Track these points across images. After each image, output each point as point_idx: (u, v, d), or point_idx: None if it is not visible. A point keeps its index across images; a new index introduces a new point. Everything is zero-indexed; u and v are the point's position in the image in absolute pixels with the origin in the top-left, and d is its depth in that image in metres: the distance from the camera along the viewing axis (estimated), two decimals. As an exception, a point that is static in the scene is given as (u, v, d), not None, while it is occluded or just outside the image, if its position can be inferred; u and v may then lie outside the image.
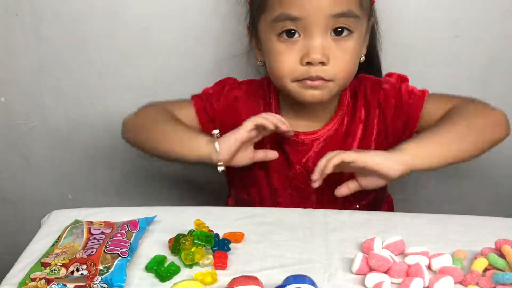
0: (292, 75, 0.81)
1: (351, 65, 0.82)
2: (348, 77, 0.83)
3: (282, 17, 0.78)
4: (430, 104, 0.86)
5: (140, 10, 1.02)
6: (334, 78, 0.80)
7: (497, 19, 1.00)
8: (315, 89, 0.81)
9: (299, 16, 0.77)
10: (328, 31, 0.78)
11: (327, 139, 0.88)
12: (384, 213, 0.79)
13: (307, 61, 0.78)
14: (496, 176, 1.13)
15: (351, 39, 0.80)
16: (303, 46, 0.79)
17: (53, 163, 1.17)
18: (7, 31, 1.04)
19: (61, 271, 0.60)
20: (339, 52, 0.79)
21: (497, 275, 0.59)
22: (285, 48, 0.80)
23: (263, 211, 0.78)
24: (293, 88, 0.82)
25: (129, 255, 0.62)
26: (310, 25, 0.77)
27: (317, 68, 0.79)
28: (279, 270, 0.63)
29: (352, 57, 0.81)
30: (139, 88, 1.09)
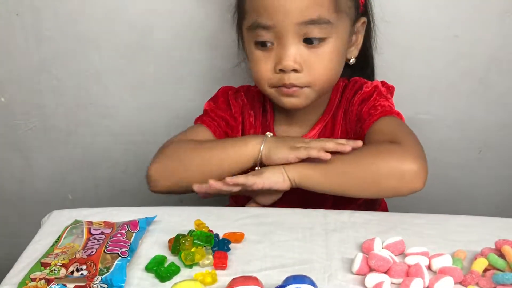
0: (268, 82, 0.82)
1: (328, 71, 0.81)
2: (326, 82, 0.82)
3: (255, 25, 0.79)
4: (379, 126, 0.82)
5: (140, 10, 1.02)
6: (309, 84, 0.80)
7: (496, 19, 1.00)
8: (291, 96, 0.81)
9: (270, 25, 0.78)
10: (300, 38, 0.78)
11: None
12: (384, 213, 0.79)
13: (280, 69, 0.79)
14: (497, 176, 1.13)
15: (325, 45, 0.79)
16: (276, 53, 0.79)
17: (53, 163, 1.17)
18: (7, 31, 1.04)
19: (61, 271, 0.60)
20: (313, 59, 0.79)
21: (497, 276, 0.59)
22: (262, 55, 0.81)
23: (263, 211, 0.78)
24: (271, 94, 0.83)
25: (129, 255, 0.62)
26: (281, 33, 0.77)
27: (290, 75, 0.79)
28: (279, 270, 0.63)
29: (328, 63, 0.80)
30: (139, 88, 1.09)
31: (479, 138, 1.11)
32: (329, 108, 0.89)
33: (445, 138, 1.11)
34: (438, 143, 1.11)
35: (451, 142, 1.11)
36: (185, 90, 0.98)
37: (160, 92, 1.09)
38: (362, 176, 0.75)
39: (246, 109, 0.91)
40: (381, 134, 0.80)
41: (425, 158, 0.75)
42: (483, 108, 1.08)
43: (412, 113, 1.08)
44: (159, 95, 1.09)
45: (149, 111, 1.10)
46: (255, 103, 0.92)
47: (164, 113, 1.08)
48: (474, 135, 1.10)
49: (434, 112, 1.08)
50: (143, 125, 1.01)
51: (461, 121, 1.09)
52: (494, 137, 1.10)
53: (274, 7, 0.77)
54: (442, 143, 1.11)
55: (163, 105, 1.10)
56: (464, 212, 0.78)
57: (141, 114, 1.10)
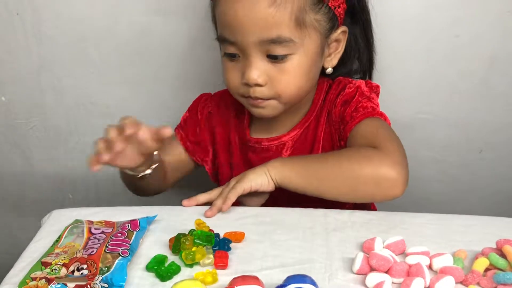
0: (237, 92, 0.82)
1: (293, 85, 0.80)
2: (294, 95, 0.81)
3: (221, 38, 0.80)
4: (361, 129, 0.81)
5: (140, 10, 1.02)
6: (274, 97, 0.80)
7: (497, 19, 1.00)
8: (258, 107, 0.81)
9: (232, 40, 0.77)
10: (263, 55, 0.77)
11: (296, 145, 0.88)
12: (385, 212, 0.79)
13: (244, 82, 0.79)
14: (497, 176, 1.13)
15: (290, 60, 0.78)
16: (242, 66, 0.79)
17: (53, 162, 1.17)
18: (8, 30, 1.04)
19: (61, 271, 0.60)
20: (277, 74, 0.78)
21: (498, 275, 0.59)
22: (230, 65, 0.81)
23: (263, 210, 0.78)
24: (243, 103, 0.84)
25: (129, 254, 0.62)
26: (244, 48, 0.77)
27: (254, 89, 0.79)
28: (279, 269, 0.63)
29: (293, 78, 0.79)
30: (140, 87, 1.09)
31: (480, 138, 1.10)
32: (311, 110, 0.88)
33: (446, 138, 1.11)
34: (439, 143, 1.11)
35: (452, 142, 1.11)
36: (185, 90, 0.98)
37: (161, 91, 1.09)
38: (339, 180, 0.75)
39: (215, 116, 0.93)
40: (362, 137, 0.79)
41: (405, 164, 0.74)
42: (484, 108, 1.08)
43: (413, 113, 1.08)
44: (159, 95, 1.09)
45: (150, 111, 1.10)
46: (229, 107, 0.93)
47: (164, 113, 1.08)
48: (475, 135, 1.10)
49: (435, 112, 1.08)
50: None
51: (462, 121, 1.09)
52: (495, 137, 1.10)
53: (234, 24, 0.76)
54: (443, 143, 1.11)
55: (164, 105, 1.10)
56: (465, 211, 0.78)
57: (142, 114, 1.10)
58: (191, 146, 0.92)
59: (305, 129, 0.88)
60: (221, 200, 0.76)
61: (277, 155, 0.88)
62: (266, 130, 0.90)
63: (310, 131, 0.88)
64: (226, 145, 0.92)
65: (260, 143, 0.88)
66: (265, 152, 0.88)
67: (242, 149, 0.91)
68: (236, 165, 0.92)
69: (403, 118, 1.08)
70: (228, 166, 0.93)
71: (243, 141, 0.91)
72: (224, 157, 0.93)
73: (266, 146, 0.88)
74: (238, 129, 0.92)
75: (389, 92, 1.06)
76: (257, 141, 0.88)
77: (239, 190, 0.75)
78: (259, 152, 0.89)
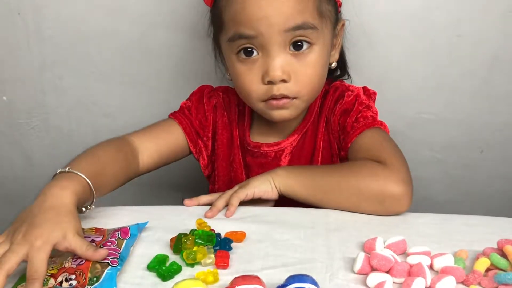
0: (257, 95, 0.79)
1: (315, 79, 0.79)
2: (313, 91, 0.81)
3: (236, 36, 0.77)
4: (364, 141, 0.80)
5: (141, 9, 1.02)
6: (298, 95, 0.79)
7: (499, 19, 1.00)
8: (282, 108, 0.80)
9: (252, 35, 0.75)
10: (286, 47, 0.76)
11: (294, 152, 0.87)
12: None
13: (268, 80, 0.77)
14: (499, 176, 1.13)
15: (312, 52, 0.77)
16: (262, 64, 0.77)
17: (55, 162, 1.17)
18: (10, 30, 1.05)
19: (49, 282, 0.58)
20: (300, 67, 0.77)
21: (499, 275, 0.59)
22: (245, 69, 0.78)
23: (264, 210, 0.78)
24: (260, 109, 0.81)
25: (119, 264, 0.61)
26: (266, 42, 0.75)
27: (279, 86, 0.77)
28: (280, 269, 0.63)
29: (315, 71, 0.79)
30: (141, 87, 1.09)
31: (481, 138, 1.10)
32: (309, 115, 0.87)
33: (448, 138, 1.11)
34: (440, 142, 1.11)
35: (453, 141, 1.11)
36: (187, 89, 0.98)
37: (162, 91, 1.09)
38: (344, 195, 0.74)
39: (219, 109, 0.90)
40: (366, 150, 0.78)
41: (410, 181, 0.74)
42: (486, 108, 1.08)
43: (414, 112, 1.08)
44: (160, 94, 1.09)
45: (151, 110, 1.10)
46: (232, 105, 0.91)
47: (165, 112, 1.07)
48: (476, 135, 1.10)
49: (437, 112, 1.08)
50: (144, 124, 1.00)
51: (464, 121, 1.09)
52: (496, 137, 1.10)
53: (257, 17, 0.74)
54: (444, 142, 1.11)
55: (165, 104, 1.09)
56: (466, 211, 0.77)
57: (143, 113, 1.10)
58: (195, 136, 0.89)
59: (304, 134, 0.87)
60: (222, 201, 0.75)
61: (275, 161, 0.87)
62: (265, 135, 0.89)
63: (308, 137, 0.87)
64: (228, 143, 0.91)
65: (259, 147, 0.87)
66: (263, 157, 0.88)
67: (242, 150, 0.91)
68: (235, 165, 0.91)
69: (404, 117, 1.08)
70: (227, 164, 0.91)
71: (243, 143, 0.90)
72: (224, 154, 0.91)
73: (265, 151, 0.87)
74: (239, 129, 0.91)
75: (390, 92, 1.07)
76: (256, 146, 0.88)
77: (242, 195, 0.75)
78: (257, 157, 0.88)
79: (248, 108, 0.90)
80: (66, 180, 0.65)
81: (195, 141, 0.89)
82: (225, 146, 0.91)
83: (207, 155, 0.91)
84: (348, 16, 0.92)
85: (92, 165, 0.71)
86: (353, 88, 0.87)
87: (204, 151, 0.91)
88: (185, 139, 0.88)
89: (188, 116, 0.89)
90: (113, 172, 0.76)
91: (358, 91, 0.86)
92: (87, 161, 0.72)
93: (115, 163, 0.77)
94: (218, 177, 0.91)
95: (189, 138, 0.89)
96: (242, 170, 0.89)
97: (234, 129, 0.91)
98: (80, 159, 0.73)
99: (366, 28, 1.01)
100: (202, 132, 0.90)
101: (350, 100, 0.84)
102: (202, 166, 0.92)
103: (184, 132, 0.88)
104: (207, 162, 0.92)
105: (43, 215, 0.59)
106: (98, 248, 0.60)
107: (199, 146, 0.90)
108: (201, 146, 0.90)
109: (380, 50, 1.03)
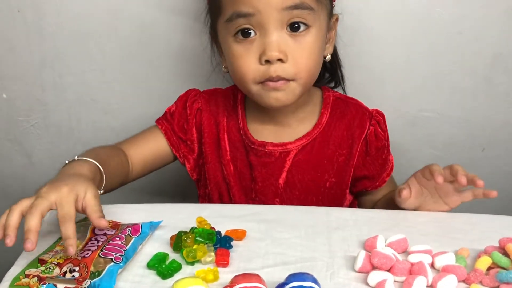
0: (253, 77, 0.79)
1: (311, 62, 0.79)
2: (310, 75, 0.80)
3: (234, 15, 0.77)
4: (384, 194, 0.92)
5: (142, 6, 1.02)
6: (295, 77, 0.78)
7: (500, 16, 0.99)
8: (278, 91, 0.79)
9: (251, 12, 0.75)
10: (284, 27, 0.76)
11: (299, 157, 0.86)
12: (387, 211, 0.79)
13: (265, 59, 0.76)
14: (500, 174, 1.12)
15: (309, 34, 0.77)
16: (260, 44, 0.77)
17: (54, 159, 1.17)
18: (9, 27, 1.04)
19: (55, 270, 0.59)
20: (297, 48, 0.77)
21: (500, 274, 0.59)
22: (243, 50, 0.78)
23: (265, 208, 0.78)
24: (257, 92, 0.80)
25: (122, 261, 0.61)
26: (264, 21, 0.75)
27: (276, 66, 0.76)
28: (281, 267, 0.63)
29: (312, 53, 0.79)
30: (141, 84, 1.09)
31: (483, 136, 1.10)
32: (319, 121, 0.87)
33: (449, 136, 1.10)
34: (441, 140, 1.11)
35: (454, 139, 1.10)
36: (186, 87, 0.98)
37: (162, 88, 1.09)
38: None
39: (204, 112, 0.90)
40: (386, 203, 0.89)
41: None
42: (487, 106, 1.07)
43: (416, 110, 1.08)
44: (161, 92, 1.09)
45: (151, 108, 1.09)
46: (219, 106, 0.90)
47: (165, 109, 1.07)
48: (477, 133, 1.10)
49: (438, 110, 1.08)
50: (145, 121, 1.00)
51: (465, 119, 1.08)
52: (497, 135, 1.10)
53: None
54: (445, 140, 1.11)
55: (165, 102, 1.09)
56: (468, 210, 0.77)
57: (143, 111, 1.10)
58: (176, 141, 0.89)
59: (312, 141, 0.87)
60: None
61: (279, 161, 0.86)
62: (274, 135, 0.87)
63: (317, 147, 0.87)
64: (215, 144, 0.89)
65: (264, 146, 0.86)
66: (267, 156, 0.86)
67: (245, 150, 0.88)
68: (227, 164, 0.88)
69: (405, 115, 1.08)
70: (218, 164, 0.89)
71: (245, 142, 0.88)
72: (213, 156, 0.89)
73: (269, 150, 0.86)
74: (231, 128, 0.89)
75: (391, 89, 1.06)
76: (261, 144, 0.86)
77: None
78: (261, 156, 0.87)
79: (241, 108, 0.89)
80: (81, 162, 0.72)
81: (177, 146, 0.90)
82: (213, 148, 0.89)
83: (193, 158, 0.90)
84: (348, 13, 0.92)
85: (97, 156, 0.75)
86: (382, 127, 0.89)
87: (189, 155, 0.90)
88: (167, 145, 0.89)
89: (170, 121, 0.90)
90: (115, 165, 0.80)
91: (386, 128, 0.90)
92: (91, 154, 0.75)
93: (114, 158, 0.82)
94: (209, 180, 0.90)
95: (171, 143, 0.89)
96: (247, 170, 0.88)
97: (222, 130, 0.89)
98: (84, 154, 0.76)
99: (367, 25, 1.00)
100: (184, 136, 0.90)
101: (382, 145, 0.89)
102: (188, 170, 0.91)
103: (165, 137, 0.89)
104: (193, 166, 0.91)
105: (67, 176, 0.65)
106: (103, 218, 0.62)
107: (182, 151, 0.90)
108: (185, 151, 0.90)
109: (381, 48, 1.03)
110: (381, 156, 0.89)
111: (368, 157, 0.88)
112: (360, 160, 0.88)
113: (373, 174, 0.89)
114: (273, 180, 0.87)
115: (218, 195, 0.90)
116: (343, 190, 0.89)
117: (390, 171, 0.91)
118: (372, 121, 0.88)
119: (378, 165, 0.89)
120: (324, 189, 0.88)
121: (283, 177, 0.86)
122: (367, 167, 0.89)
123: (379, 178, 0.90)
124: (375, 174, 0.89)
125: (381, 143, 0.88)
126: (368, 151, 0.88)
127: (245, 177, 0.88)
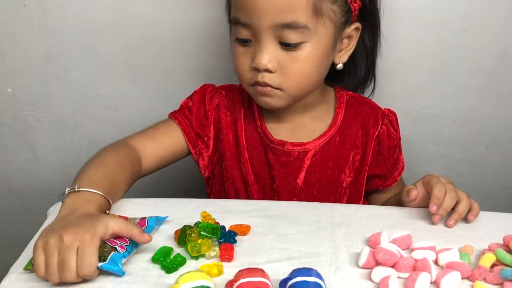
0: (246, 79, 0.80)
1: (303, 75, 0.79)
2: (300, 86, 0.80)
3: (235, 20, 0.78)
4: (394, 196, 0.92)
5: (146, 2, 1.02)
6: (281, 87, 0.78)
7: (506, 13, 0.99)
8: (266, 96, 0.80)
9: (247, 23, 0.76)
10: (277, 40, 0.76)
11: (317, 157, 0.86)
12: (391, 207, 0.79)
13: (254, 67, 0.78)
14: (504, 172, 1.12)
15: (303, 48, 0.77)
16: (253, 51, 0.78)
17: (59, 154, 1.17)
18: (14, 22, 1.04)
19: None
20: (288, 61, 0.77)
21: (504, 271, 0.59)
22: (241, 51, 0.80)
23: (269, 204, 0.78)
24: (251, 92, 0.82)
25: (126, 251, 0.62)
26: (257, 32, 0.76)
27: (263, 74, 0.78)
28: (285, 263, 0.63)
29: (303, 66, 0.78)
30: (146, 79, 1.09)
31: (487, 134, 1.10)
32: (334, 121, 0.88)
33: (453, 134, 1.10)
34: (446, 138, 1.11)
35: (459, 137, 1.10)
36: (191, 83, 0.98)
37: (167, 84, 1.09)
38: None
39: (222, 109, 0.89)
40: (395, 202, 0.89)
41: None
42: (492, 104, 1.07)
43: (420, 108, 1.08)
44: (165, 87, 1.09)
45: (156, 103, 1.10)
46: (236, 104, 0.89)
47: (170, 105, 1.07)
48: (482, 131, 1.09)
49: (442, 107, 1.08)
50: (149, 117, 1.00)
51: (469, 117, 1.08)
52: (502, 133, 1.10)
53: (250, 6, 0.75)
54: (450, 138, 1.11)
55: (170, 97, 1.09)
56: (472, 207, 0.77)
57: (148, 106, 1.10)
58: (194, 137, 0.88)
59: (329, 140, 0.87)
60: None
61: (298, 161, 0.86)
62: (290, 134, 0.87)
63: (334, 146, 0.87)
64: (233, 141, 0.88)
65: (283, 145, 0.86)
66: (286, 156, 0.86)
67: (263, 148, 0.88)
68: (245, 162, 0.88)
69: (410, 112, 1.08)
70: (236, 162, 0.89)
71: (263, 140, 0.87)
72: (231, 153, 0.89)
73: (288, 150, 0.86)
74: (248, 126, 0.88)
75: (397, 86, 1.06)
76: (280, 143, 0.86)
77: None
78: (279, 155, 0.86)
79: (258, 105, 0.88)
80: (87, 195, 0.68)
81: (194, 142, 0.88)
82: (232, 146, 0.89)
83: (208, 155, 0.89)
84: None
85: (105, 177, 0.72)
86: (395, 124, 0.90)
87: (204, 152, 0.89)
88: (184, 140, 0.87)
89: (188, 116, 0.88)
90: (124, 180, 0.77)
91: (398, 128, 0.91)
92: (99, 172, 0.73)
93: (125, 171, 0.77)
94: (226, 177, 0.89)
95: (188, 139, 0.87)
96: (266, 169, 0.88)
97: (240, 128, 0.88)
98: (93, 171, 0.73)
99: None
100: (202, 132, 0.88)
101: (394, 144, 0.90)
102: (201, 167, 0.90)
103: (183, 133, 0.87)
104: (207, 163, 0.90)
105: (81, 218, 0.62)
106: (143, 232, 0.63)
107: (199, 147, 0.88)
108: (201, 147, 0.89)
109: (386, 45, 1.02)
110: (393, 155, 0.90)
111: (380, 156, 0.89)
112: (373, 159, 0.89)
113: (385, 173, 0.90)
114: (291, 180, 0.87)
115: (234, 192, 0.90)
116: (359, 189, 0.89)
117: (401, 171, 0.91)
118: (385, 120, 0.89)
119: (390, 164, 0.90)
120: (341, 188, 0.88)
121: (301, 177, 0.87)
122: (379, 166, 0.89)
123: (391, 177, 0.91)
124: (386, 173, 0.90)
125: (393, 142, 0.89)
126: (380, 150, 0.89)
127: (263, 176, 0.88)
